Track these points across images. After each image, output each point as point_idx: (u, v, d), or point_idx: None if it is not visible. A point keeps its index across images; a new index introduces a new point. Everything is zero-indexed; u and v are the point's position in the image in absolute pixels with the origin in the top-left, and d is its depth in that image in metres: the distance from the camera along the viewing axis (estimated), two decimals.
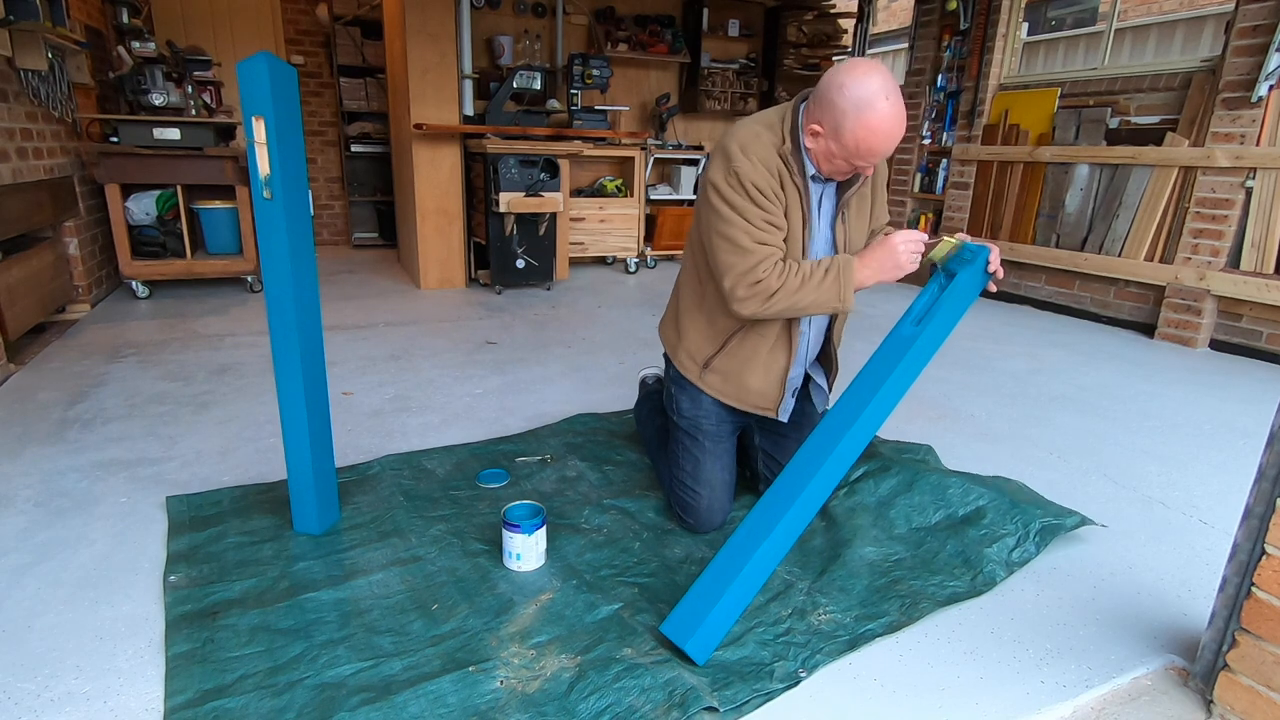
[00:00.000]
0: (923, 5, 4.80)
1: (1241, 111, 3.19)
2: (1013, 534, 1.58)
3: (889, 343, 1.38)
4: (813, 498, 1.29)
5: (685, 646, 1.21)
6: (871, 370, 1.36)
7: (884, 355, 1.37)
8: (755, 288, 1.40)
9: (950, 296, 1.37)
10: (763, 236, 1.41)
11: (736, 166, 1.39)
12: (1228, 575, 1.14)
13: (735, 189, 1.40)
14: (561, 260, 4.48)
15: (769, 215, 1.41)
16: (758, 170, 1.39)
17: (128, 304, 3.64)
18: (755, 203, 1.39)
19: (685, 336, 1.65)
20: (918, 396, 2.57)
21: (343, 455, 1.96)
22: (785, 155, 1.41)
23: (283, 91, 1.35)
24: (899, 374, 1.33)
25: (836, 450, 1.29)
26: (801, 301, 1.41)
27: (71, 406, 2.28)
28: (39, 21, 2.80)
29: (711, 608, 1.22)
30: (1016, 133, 4.20)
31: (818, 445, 1.32)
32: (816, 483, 1.28)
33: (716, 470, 1.62)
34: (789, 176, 1.42)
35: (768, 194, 1.40)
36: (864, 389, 1.34)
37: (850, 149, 1.33)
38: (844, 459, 1.31)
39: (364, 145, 5.67)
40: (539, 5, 5.03)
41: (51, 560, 1.47)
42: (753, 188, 1.39)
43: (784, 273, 1.40)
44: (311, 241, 1.49)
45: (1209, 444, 2.26)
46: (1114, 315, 3.81)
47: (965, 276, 1.38)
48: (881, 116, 1.29)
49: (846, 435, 1.29)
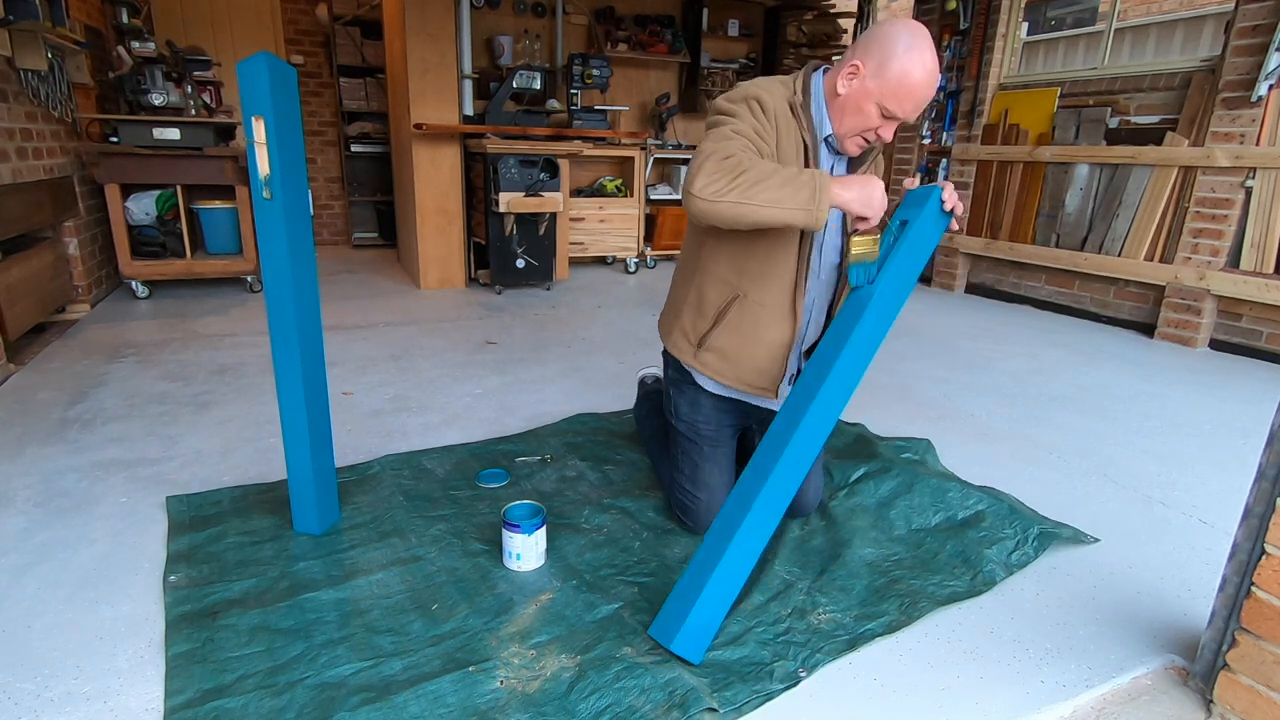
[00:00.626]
0: (922, 5, 4.80)
1: (1241, 111, 3.19)
2: (1011, 537, 1.59)
3: (847, 305, 1.30)
4: (783, 480, 1.24)
5: (671, 646, 1.20)
6: (829, 340, 1.28)
7: (840, 322, 1.29)
8: (724, 163, 1.23)
9: (905, 246, 1.28)
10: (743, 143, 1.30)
11: (744, 88, 1.39)
12: (1227, 575, 1.14)
13: (736, 101, 1.38)
14: (561, 260, 4.48)
15: (762, 130, 1.35)
16: (766, 92, 1.37)
17: (127, 304, 3.64)
18: (753, 113, 1.36)
19: (681, 315, 1.59)
20: (917, 396, 2.57)
21: (342, 455, 1.96)
22: (795, 106, 1.39)
23: (282, 91, 1.35)
24: (858, 339, 1.24)
25: (800, 430, 1.23)
26: (766, 193, 1.21)
27: (71, 406, 2.28)
28: (39, 21, 2.80)
29: (691, 606, 1.20)
30: (1016, 132, 4.20)
31: (781, 428, 1.26)
32: (784, 465, 1.23)
33: (715, 473, 1.61)
34: (799, 132, 1.40)
35: (769, 112, 1.36)
36: (822, 361, 1.27)
37: (891, 86, 1.30)
38: (814, 434, 1.25)
39: (364, 145, 5.67)
40: (539, 5, 5.03)
41: (51, 560, 1.47)
42: (755, 102, 1.36)
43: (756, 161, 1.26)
44: (311, 241, 1.49)
45: (1209, 443, 2.26)
46: (1114, 315, 3.81)
47: (919, 222, 1.28)
48: (928, 59, 1.29)
49: (808, 414, 1.23)
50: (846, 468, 1.88)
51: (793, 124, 1.39)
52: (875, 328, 1.26)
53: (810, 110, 1.41)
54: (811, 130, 1.40)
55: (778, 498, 1.25)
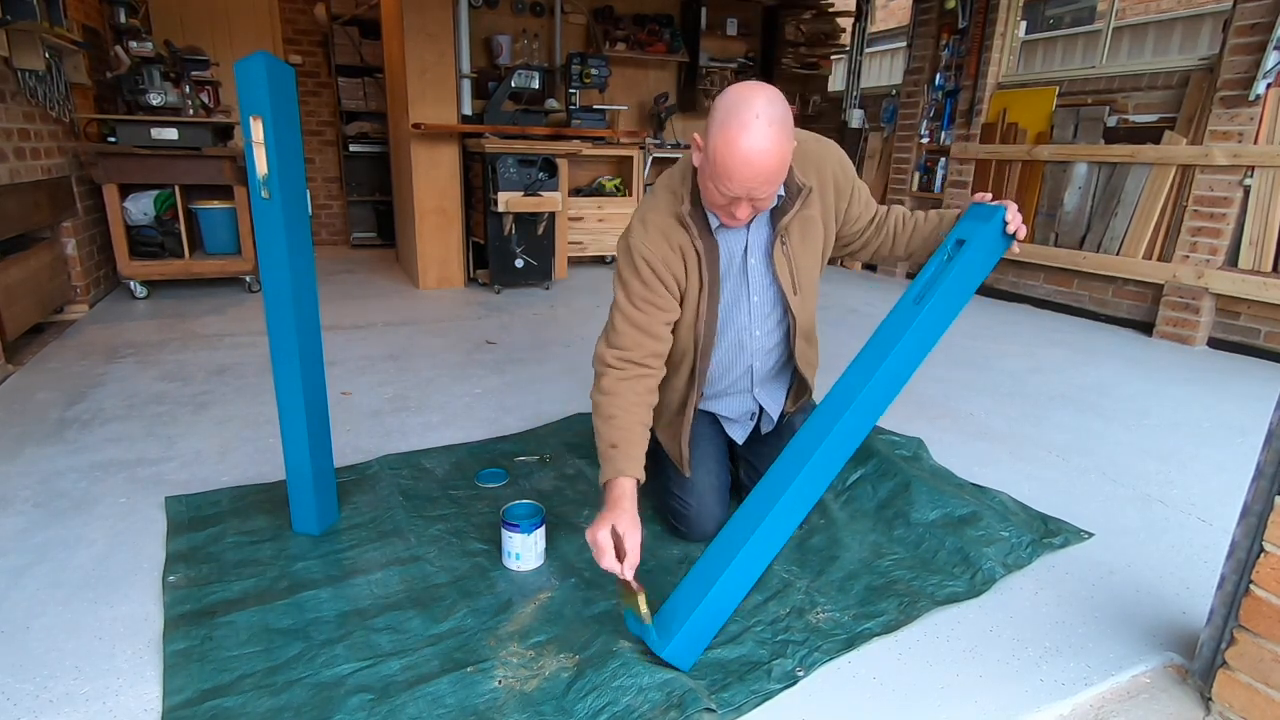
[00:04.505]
0: (921, 4, 4.80)
1: (1239, 110, 3.19)
2: (1010, 536, 1.59)
3: (884, 327, 1.23)
4: (796, 502, 1.20)
5: (663, 654, 1.18)
6: (862, 360, 1.22)
7: (878, 342, 1.22)
8: (600, 368, 1.41)
9: (958, 268, 1.18)
10: (638, 318, 1.39)
11: (631, 240, 1.40)
12: (1226, 573, 1.14)
13: (625, 261, 1.41)
14: (560, 260, 4.48)
15: (649, 295, 1.39)
16: (650, 242, 1.38)
17: (126, 304, 3.63)
18: (640, 277, 1.39)
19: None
20: (916, 396, 2.57)
21: (341, 455, 1.96)
22: (683, 217, 1.37)
23: (281, 91, 1.35)
24: (893, 363, 1.17)
25: (819, 452, 1.18)
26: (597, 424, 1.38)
27: (70, 407, 2.27)
28: (36, 21, 2.80)
29: (688, 617, 1.18)
30: (1015, 131, 4.20)
31: (801, 448, 1.21)
32: (798, 487, 1.19)
33: (704, 478, 1.60)
34: (690, 241, 1.38)
35: (655, 269, 1.38)
36: (853, 382, 1.21)
37: (713, 164, 1.22)
38: (830, 460, 1.20)
39: (362, 145, 5.67)
40: (537, 4, 5.03)
41: (50, 561, 1.47)
42: (642, 261, 1.38)
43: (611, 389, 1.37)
44: (310, 241, 1.49)
45: (1207, 442, 2.26)
46: (1112, 313, 3.81)
47: (978, 242, 1.18)
48: (750, 134, 1.16)
49: (830, 436, 1.18)
50: (844, 469, 1.88)
51: (684, 240, 1.39)
52: (910, 356, 1.19)
53: (702, 211, 1.39)
54: (705, 231, 1.39)
55: (786, 521, 1.21)
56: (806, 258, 1.48)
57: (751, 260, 1.46)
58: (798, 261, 1.47)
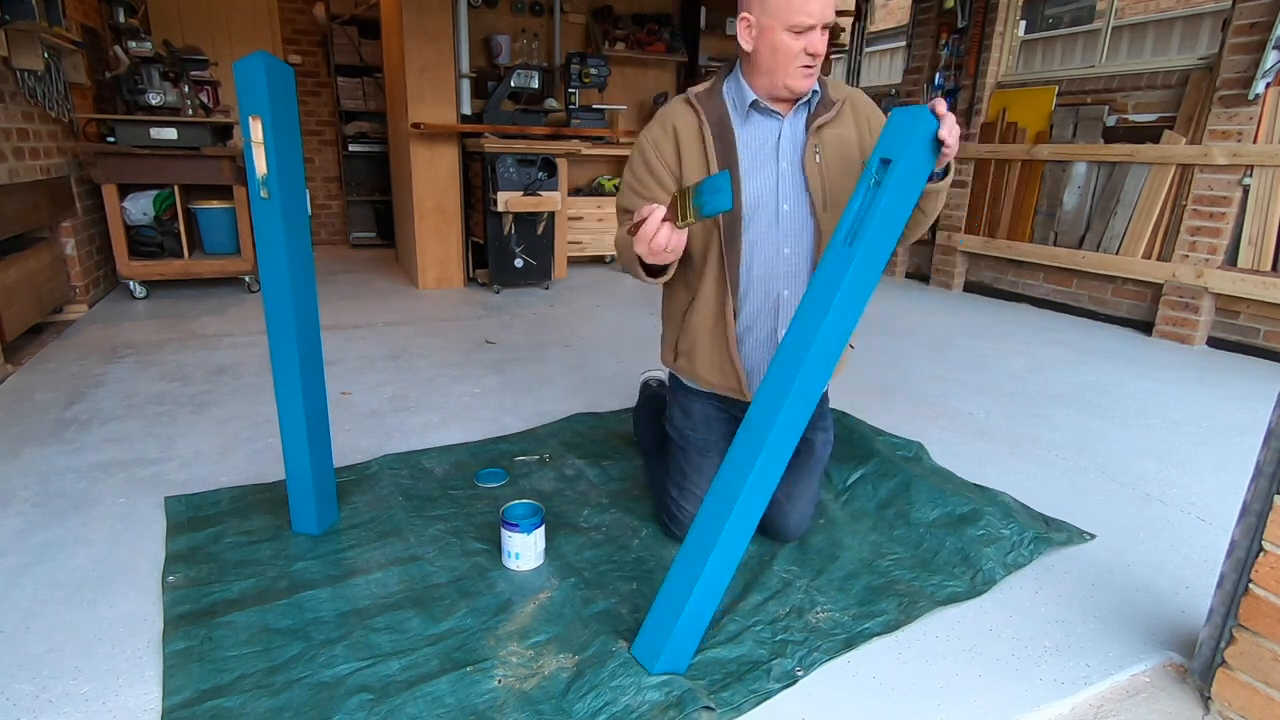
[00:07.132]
0: (920, 3, 4.80)
1: (1239, 109, 3.19)
2: (1010, 536, 1.59)
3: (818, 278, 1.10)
4: (761, 483, 1.13)
5: (654, 670, 1.16)
6: (801, 319, 1.11)
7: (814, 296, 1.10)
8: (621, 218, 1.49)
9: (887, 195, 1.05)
10: (627, 201, 1.49)
11: (652, 124, 1.49)
12: (1225, 572, 1.14)
13: (637, 145, 1.51)
14: (560, 259, 4.48)
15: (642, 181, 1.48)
16: (654, 128, 1.48)
17: (125, 304, 3.63)
18: (644, 159, 1.48)
19: (664, 325, 1.68)
20: (916, 396, 2.57)
21: (341, 455, 1.96)
22: (692, 98, 1.45)
23: (280, 91, 1.35)
24: (835, 317, 1.07)
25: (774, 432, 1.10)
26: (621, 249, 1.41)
27: (69, 407, 2.27)
28: (35, 21, 2.79)
29: (673, 626, 1.15)
30: (1014, 131, 4.20)
31: (756, 425, 1.13)
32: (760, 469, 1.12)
33: (701, 484, 1.59)
34: (694, 120, 1.44)
35: (645, 153, 1.47)
36: (795, 345, 1.11)
37: (781, 7, 1.29)
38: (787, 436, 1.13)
39: (361, 145, 5.67)
40: (536, 4, 5.02)
41: (49, 561, 1.47)
42: (647, 142, 1.48)
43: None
44: (309, 241, 1.49)
45: (1206, 441, 2.26)
46: (1112, 313, 3.81)
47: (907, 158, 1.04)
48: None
49: (782, 411, 1.09)
50: (845, 469, 1.88)
51: (686, 121, 1.45)
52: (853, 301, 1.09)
53: (722, 94, 1.46)
54: (720, 114, 1.44)
55: (757, 498, 1.15)
56: (839, 179, 1.44)
57: (783, 164, 1.45)
58: (830, 176, 1.44)
